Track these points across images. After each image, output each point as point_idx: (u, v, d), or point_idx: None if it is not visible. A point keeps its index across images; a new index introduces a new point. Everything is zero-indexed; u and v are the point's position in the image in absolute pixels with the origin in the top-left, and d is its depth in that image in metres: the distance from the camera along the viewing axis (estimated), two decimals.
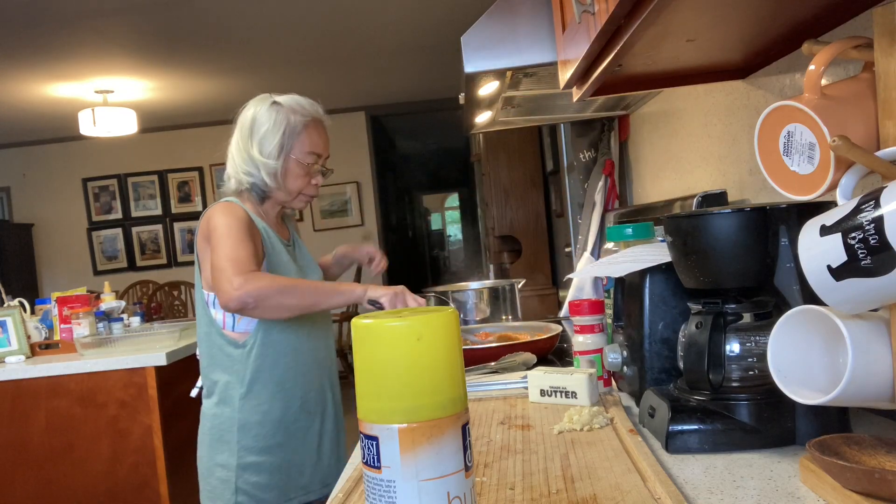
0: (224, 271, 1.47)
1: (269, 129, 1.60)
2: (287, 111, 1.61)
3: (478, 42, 1.53)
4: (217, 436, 1.60)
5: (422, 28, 4.57)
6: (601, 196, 2.58)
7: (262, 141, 1.60)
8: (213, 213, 1.56)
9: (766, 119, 0.80)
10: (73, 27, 4.02)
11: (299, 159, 1.63)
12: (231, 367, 1.59)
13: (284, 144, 1.61)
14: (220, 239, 1.51)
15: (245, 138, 1.62)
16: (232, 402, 1.59)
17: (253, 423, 1.58)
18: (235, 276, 1.46)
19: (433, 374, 0.56)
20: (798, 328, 0.75)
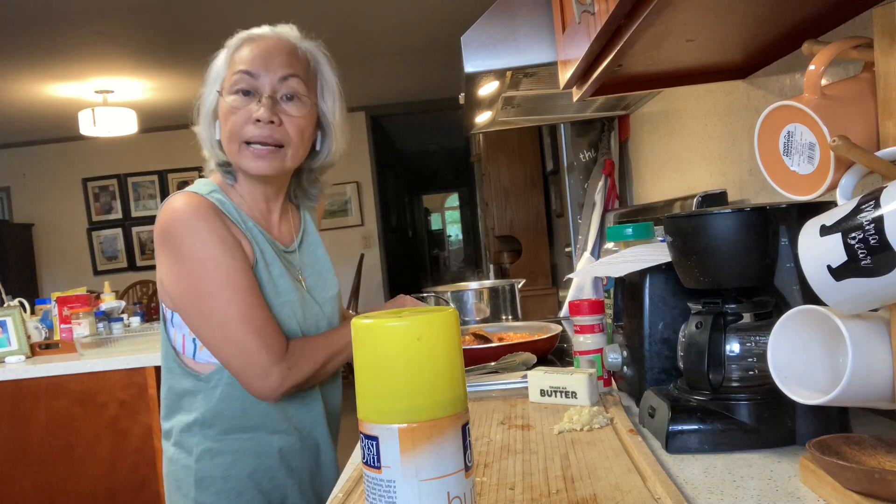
0: (252, 354, 1.12)
1: (211, 70, 1.25)
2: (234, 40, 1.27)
3: (478, 42, 1.53)
4: (174, 484, 1.25)
5: (422, 28, 4.57)
6: (601, 196, 2.58)
7: (201, 100, 1.27)
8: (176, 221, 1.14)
9: (766, 119, 0.80)
10: (73, 27, 4.02)
11: (224, 92, 1.20)
12: (191, 404, 1.22)
13: (212, 89, 1.24)
14: (221, 287, 1.12)
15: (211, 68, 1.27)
16: (189, 449, 1.22)
17: (215, 478, 1.21)
18: (272, 366, 1.13)
19: (433, 374, 0.56)
20: (798, 328, 0.75)
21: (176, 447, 1.24)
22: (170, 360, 1.23)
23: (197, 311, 1.15)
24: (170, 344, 1.23)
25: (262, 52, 1.22)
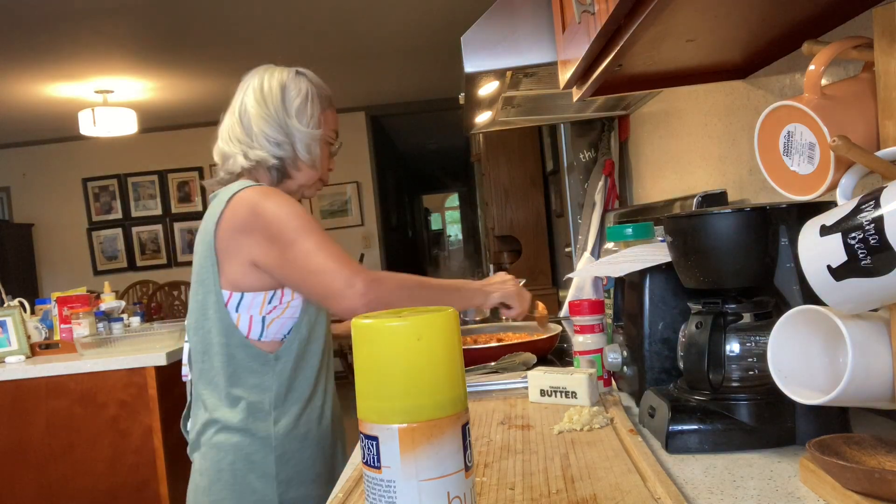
0: (332, 273, 1.25)
1: (304, 98, 1.42)
2: (315, 84, 1.46)
3: (478, 42, 1.53)
4: (243, 472, 1.30)
5: (422, 28, 4.57)
6: (601, 196, 2.58)
7: (298, 110, 1.40)
8: (259, 200, 1.30)
9: (766, 119, 0.80)
10: (73, 27, 4.02)
11: (326, 136, 1.46)
12: (259, 384, 1.32)
13: (316, 117, 1.43)
14: (298, 232, 1.28)
15: (276, 105, 1.40)
16: (264, 430, 1.31)
17: (293, 452, 1.32)
18: (354, 276, 1.25)
19: (433, 374, 0.56)
20: (798, 328, 0.75)
21: (243, 434, 1.31)
22: (234, 346, 1.32)
23: (286, 263, 1.29)
24: (232, 331, 1.31)
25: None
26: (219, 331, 1.32)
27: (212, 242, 1.31)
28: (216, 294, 1.31)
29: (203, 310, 1.33)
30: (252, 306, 1.32)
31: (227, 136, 1.41)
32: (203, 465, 1.34)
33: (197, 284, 1.35)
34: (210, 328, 1.33)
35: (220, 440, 1.32)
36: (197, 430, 1.37)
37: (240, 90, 1.44)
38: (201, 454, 1.35)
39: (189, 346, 1.40)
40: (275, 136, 1.39)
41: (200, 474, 1.35)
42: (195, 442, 1.38)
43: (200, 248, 1.35)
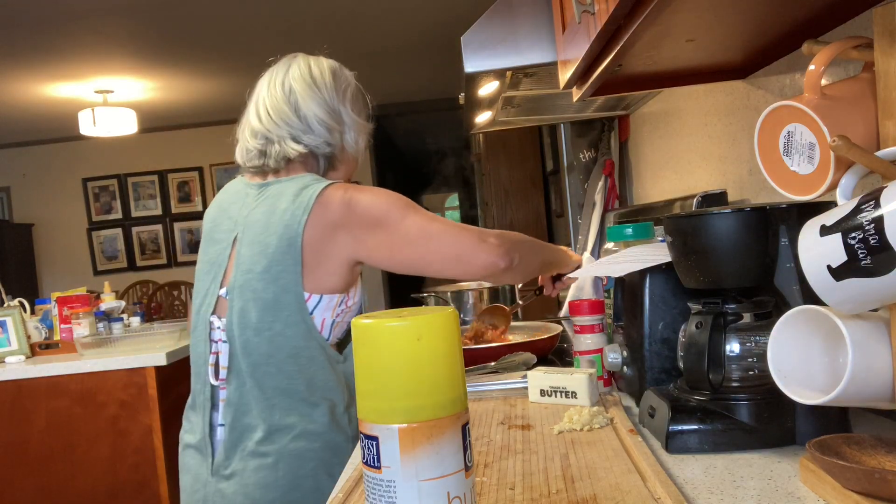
0: (458, 233, 1.24)
1: (355, 87, 1.39)
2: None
3: (478, 42, 1.53)
4: (325, 479, 1.24)
5: (422, 28, 4.57)
6: (601, 196, 2.58)
7: (352, 98, 1.37)
8: (350, 194, 1.25)
9: (766, 119, 0.80)
10: (73, 27, 4.02)
11: (367, 130, 1.43)
12: (334, 387, 1.27)
13: (367, 109, 1.42)
14: (403, 210, 1.25)
15: (329, 90, 1.33)
16: (342, 433, 1.27)
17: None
18: (480, 231, 1.25)
19: (433, 374, 0.56)
20: (798, 328, 0.75)
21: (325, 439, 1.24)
22: (314, 349, 1.25)
23: (401, 242, 1.24)
24: (311, 334, 1.25)
25: None
26: (297, 333, 1.24)
27: (297, 241, 1.22)
28: (296, 295, 1.24)
29: (274, 310, 1.24)
30: (327, 308, 1.27)
31: (271, 117, 1.31)
32: (272, 477, 1.23)
33: (265, 282, 1.24)
34: (282, 330, 1.24)
35: (299, 447, 1.23)
36: (256, 440, 1.24)
37: (272, 77, 1.35)
38: (266, 465, 1.23)
39: (228, 347, 1.27)
40: (328, 122, 1.32)
41: (264, 488, 1.23)
42: (249, 452, 1.24)
43: (275, 243, 1.24)
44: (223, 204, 1.38)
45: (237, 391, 1.26)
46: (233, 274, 1.27)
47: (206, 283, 1.32)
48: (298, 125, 1.31)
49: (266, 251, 1.24)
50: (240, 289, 1.25)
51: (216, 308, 1.30)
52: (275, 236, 1.24)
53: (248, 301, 1.24)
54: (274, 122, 1.31)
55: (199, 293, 1.34)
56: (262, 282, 1.24)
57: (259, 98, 1.35)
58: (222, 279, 1.30)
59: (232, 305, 1.26)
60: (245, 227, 1.28)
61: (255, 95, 1.36)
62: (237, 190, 1.37)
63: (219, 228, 1.34)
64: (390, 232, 1.24)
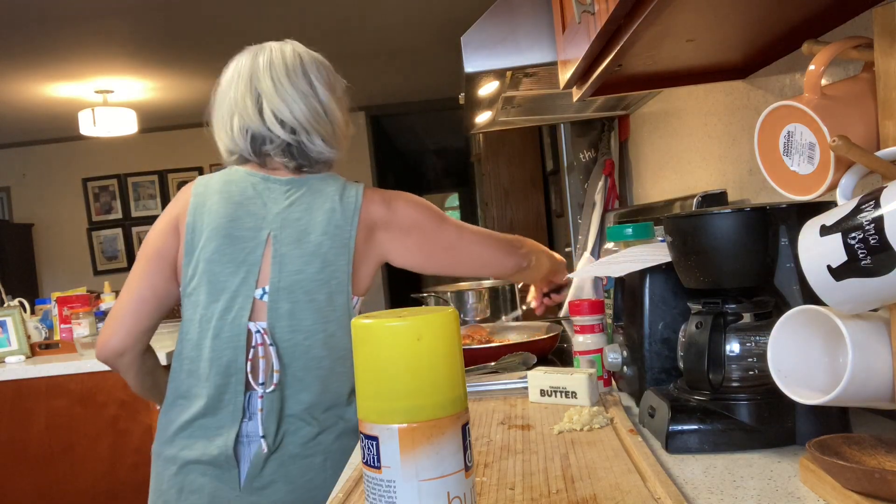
0: (490, 243, 1.36)
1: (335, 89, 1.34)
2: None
3: (478, 42, 1.53)
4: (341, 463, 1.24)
5: (422, 28, 4.57)
6: (601, 196, 2.58)
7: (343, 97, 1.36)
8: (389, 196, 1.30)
9: (766, 119, 0.80)
10: (73, 27, 4.02)
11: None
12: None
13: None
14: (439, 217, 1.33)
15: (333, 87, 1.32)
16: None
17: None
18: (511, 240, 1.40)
19: (433, 374, 0.56)
20: (798, 328, 0.75)
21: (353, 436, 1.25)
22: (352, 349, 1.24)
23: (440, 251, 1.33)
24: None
25: None
26: (347, 335, 1.21)
27: (350, 242, 1.22)
28: (346, 296, 1.23)
29: (327, 312, 1.21)
30: (359, 310, 1.28)
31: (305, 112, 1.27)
32: (320, 477, 1.21)
33: (318, 283, 1.21)
34: (335, 332, 1.22)
35: (342, 444, 1.24)
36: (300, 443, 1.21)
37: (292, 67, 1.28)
38: (314, 465, 1.21)
39: (275, 350, 1.20)
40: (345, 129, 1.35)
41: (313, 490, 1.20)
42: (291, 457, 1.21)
43: (328, 243, 1.21)
44: (234, 197, 1.25)
45: (281, 396, 1.20)
46: (273, 274, 1.20)
47: (233, 284, 1.21)
48: (329, 130, 1.30)
49: (319, 251, 1.21)
50: (287, 290, 1.20)
51: (254, 312, 1.21)
52: (327, 236, 1.22)
53: (300, 303, 1.20)
54: (308, 119, 1.27)
55: (219, 295, 1.22)
56: (316, 283, 1.21)
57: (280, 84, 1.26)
58: (259, 278, 1.22)
59: (277, 308, 1.20)
60: (282, 226, 1.22)
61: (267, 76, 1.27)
62: (251, 183, 1.27)
63: (240, 225, 1.23)
64: (427, 237, 1.30)
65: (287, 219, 1.23)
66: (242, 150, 1.29)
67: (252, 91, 1.27)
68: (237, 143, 1.28)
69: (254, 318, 1.22)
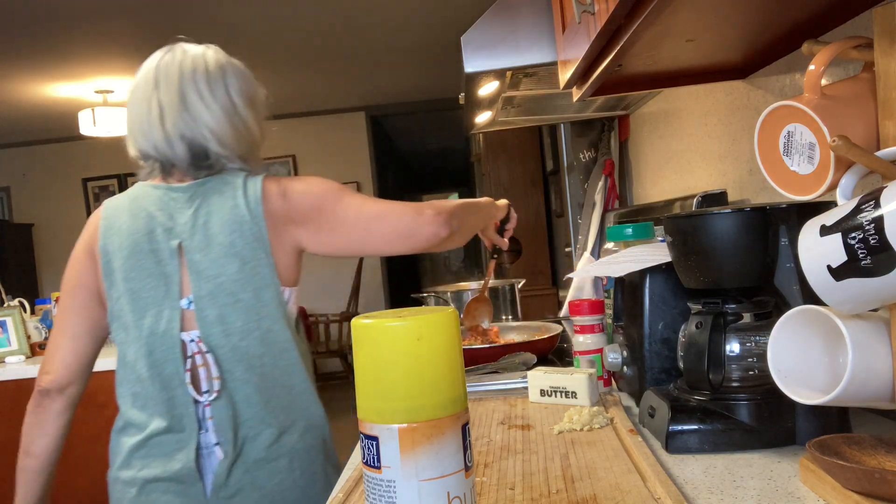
0: (395, 210, 1.21)
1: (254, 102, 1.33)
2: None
3: (478, 42, 1.53)
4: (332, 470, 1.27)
5: (422, 28, 4.57)
6: (601, 196, 2.58)
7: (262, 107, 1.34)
8: (284, 183, 1.24)
9: (766, 119, 0.80)
10: (73, 27, 4.02)
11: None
12: (309, 378, 1.26)
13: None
14: (338, 193, 1.23)
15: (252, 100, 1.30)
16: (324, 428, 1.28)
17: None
18: (417, 205, 1.22)
19: (433, 374, 0.56)
20: (798, 328, 0.75)
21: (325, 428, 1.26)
22: (299, 342, 1.24)
23: (342, 226, 1.22)
24: (291, 325, 1.23)
25: None
26: (283, 328, 1.20)
27: (263, 234, 1.19)
28: (275, 288, 1.20)
29: (257, 309, 1.19)
30: (293, 303, 1.26)
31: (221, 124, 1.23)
32: (289, 479, 1.20)
33: (241, 283, 1.18)
34: (270, 326, 1.19)
35: (307, 443, 1.23)
36: (264, 446, 1.19)
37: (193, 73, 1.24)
38: (281, 467, 1.20)
39: (213, 357, 1.18)
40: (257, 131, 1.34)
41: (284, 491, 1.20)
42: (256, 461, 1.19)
43: (240, 241, 1.19)
44: (142, 212, 1.22)
45: (229, 402, 1.18)
46: (193, 283, 1.18)
47: (157, 297, 1.19)
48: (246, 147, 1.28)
49: (232, 251, 1.18)
50: (210, 296, 1.18)
51: (184, 322, 1.19)
52: (237, 235, 1.18)
53: (227, 306, 1.18)
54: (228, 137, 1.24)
55: (144, 311, 1.20)
56: (238, 283, 1.18)
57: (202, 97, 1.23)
58: (180, 290, 1.19)
59: (205, 315, 1.18)
60: (190, 234, 1.19)
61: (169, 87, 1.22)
62: (156, 196, 1.24)
63: (152, 238, 1.20)
64: (328, 217, 1.21)
65: (194, 225, 1.20)
66: (153, 158, 1.25)
67: (181, 103, 1.23)
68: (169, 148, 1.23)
69: (186, 329, 1.19)
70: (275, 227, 1.21)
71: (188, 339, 1.19)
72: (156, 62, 1.26)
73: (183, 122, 1.21)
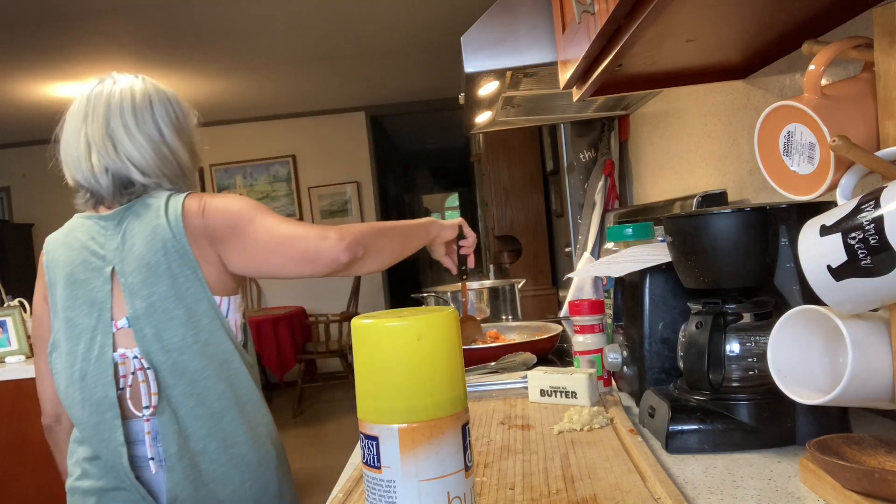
0: (302, 235, 1.21)
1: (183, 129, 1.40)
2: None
3: (478, 42, 1.53)
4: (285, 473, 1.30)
5: (422, 28, 4.57)
6: (601, 196, 2.58)
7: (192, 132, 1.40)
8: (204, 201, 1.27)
9: (766, 119, 0.80)
10: (73, 27, 4.02)
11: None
12: (257, 388, 1.29)
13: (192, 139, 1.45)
14: (252, 212, 1.25)
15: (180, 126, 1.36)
16: (273, 435, 1.30)
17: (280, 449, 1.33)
18: (323, 230, 1.21)
19: (433, 374, 0.56)
20: (798, 328, 0.75)
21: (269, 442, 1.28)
22: (239, 351, 1.26)
23: (251, 246, 1.23)
24: (230, 338, 1.25)
25: None
26: (221, 339, 1.23)
27: (186, 249, 1.22)
28: (208, 300, 1.23)
29: (193, 322, 1.21)
30: (236, 310, 1.28)
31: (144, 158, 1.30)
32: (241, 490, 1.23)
33: (174, 300, 1.21)
34: (208, 339, 1.22)
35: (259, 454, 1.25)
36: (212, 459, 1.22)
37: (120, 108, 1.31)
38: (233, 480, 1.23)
39: (153, 374, 1.20)
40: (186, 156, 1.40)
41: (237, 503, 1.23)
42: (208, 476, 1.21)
43: (165, 259, 1.22)
44: (76, 244, 1.29)
45: (173, 417, 1.20)
46: (128, 304, 1.22)
47: (90, 324, 1.23)
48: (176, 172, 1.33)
49: (160, 269, 1.21)
50: (145, 315, 1.20)
51: (116, 344, 1.22)
52: (162, 253, 1.22)
53: (162, 323, 1.20)
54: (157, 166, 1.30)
55: (78, 339, 1.24)
56: (170, 300, 1.21)
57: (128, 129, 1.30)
58: (112, 313, 1.23)
59: (143, 334, 1.20)
60: (121, 258, 1.23)
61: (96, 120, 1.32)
62: (87, 227, 1.30)
63: (85, 268, 1.26)
64: (241, 237, 1.23)
65: (123, 249, 1.24)
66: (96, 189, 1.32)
67: (106, 134, 1.30)
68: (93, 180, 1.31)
69: (129, 346, 1.22)
70: (196, 242, 1.24)
71: (131, 355, 1.22)
72: (87, 94, 1.34)
73: (108, 156, 1.28)
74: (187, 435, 1.21)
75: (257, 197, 6.93)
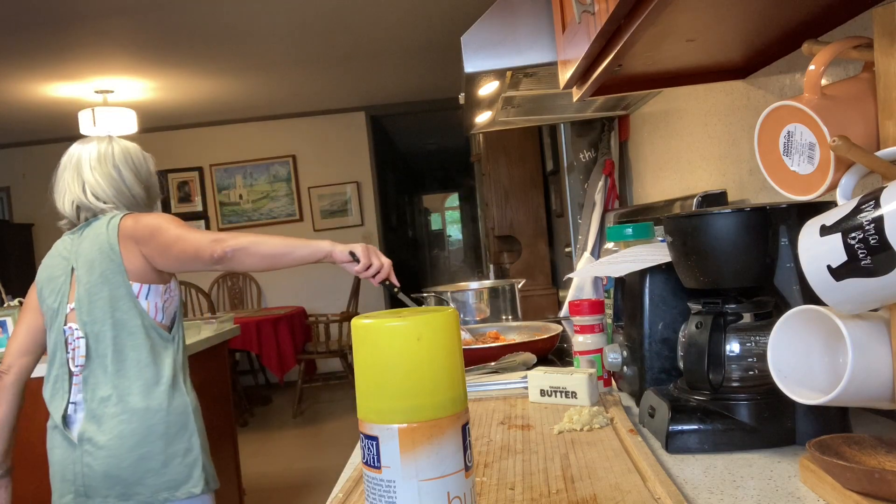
0: (197, 236, 1.66)
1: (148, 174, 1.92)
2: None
3: (478, 42, 1.53)
4: (178, 426, 1.69)
5: (422, 28, 4.57)
6: (601, 196, 2.58)
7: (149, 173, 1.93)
8: (140, 217, 1.74)
9: (767, 119, 0.80)
10: (73, 27, 4.02)
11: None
12: (172, 356, 1.72)
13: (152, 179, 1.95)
14: (167, 224, 1.70)
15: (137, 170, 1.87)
16: (182, 390, 1.72)
17: (198, 407, 1.76)
18: (214, 234, 1.68)
19: (433, 374, 0.56)
20: (798, 328, 0.75)
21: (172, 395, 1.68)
22: (150, 330, 1.70)
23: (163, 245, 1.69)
24: (144, 315, 1.70)
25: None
26: (132, 317, 1.68)
27: (115, 248, 1.69)
28: (125, 287, 1.68)
29: (111, 302, 1.67)
30: (155, 295, 1.73)
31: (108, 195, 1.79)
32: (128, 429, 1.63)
33: (100, 285, 1.68)
34: (121, 317, 1.67)
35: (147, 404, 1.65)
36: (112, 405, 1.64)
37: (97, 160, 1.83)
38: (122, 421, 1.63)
39: (85, 341, 1.66)
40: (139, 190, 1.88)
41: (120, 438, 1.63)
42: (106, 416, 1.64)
43: (100, 257, 1.69)
44: (56, 256, 1.79)
45: (92, 372, 1.66)
46: (77, 290, 1.71)
47: (55, 305, 1.74)
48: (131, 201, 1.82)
49: (95, 264, 1.70)
50: (85, 296, 1.69)
51: (68, 319, 1.71)
52: (99, 252, 1.70)
53: (93, 302, 1.68)
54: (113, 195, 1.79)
55: (53, 318, 1.74)
56: (98, 285, 1.68)
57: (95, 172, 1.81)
58: (69, 298, 1.72)
59: (81, 310, 1.68)
60: (77, 259, 1.73)
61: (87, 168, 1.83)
62: (63, 244, 1.81)
63: (57, 271, 1.76)
64: (159, 240, 1.69)
65: (79, 253, 1.74)
66: (69, 217, 1.80)
67: (77, 178, 1.83)
68: (66, 211, 1.80)
69: (73, 321, 1.70)
70: (125, 244, 1.71)
71: (74, 327, 1.70)
72: (70, 152, 1.92)
73: (78, 194, 1.79)
74: (98, 386, 1.66)
75: (257, 197, 6.94)
